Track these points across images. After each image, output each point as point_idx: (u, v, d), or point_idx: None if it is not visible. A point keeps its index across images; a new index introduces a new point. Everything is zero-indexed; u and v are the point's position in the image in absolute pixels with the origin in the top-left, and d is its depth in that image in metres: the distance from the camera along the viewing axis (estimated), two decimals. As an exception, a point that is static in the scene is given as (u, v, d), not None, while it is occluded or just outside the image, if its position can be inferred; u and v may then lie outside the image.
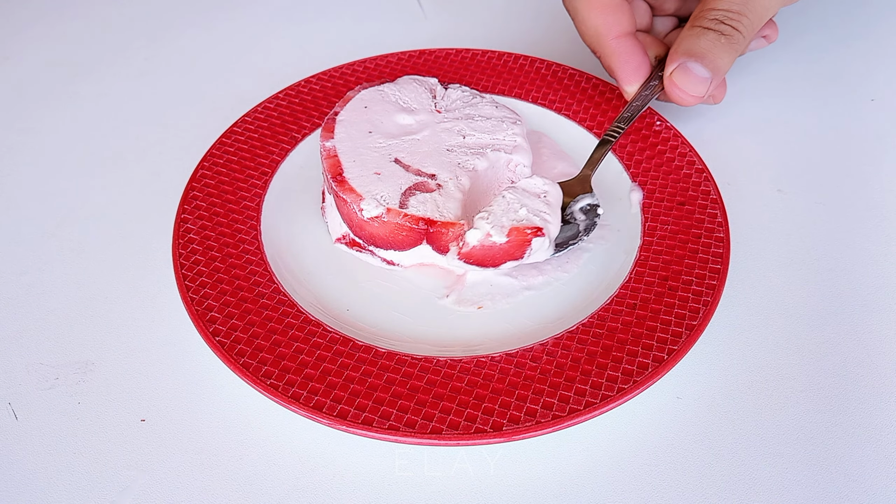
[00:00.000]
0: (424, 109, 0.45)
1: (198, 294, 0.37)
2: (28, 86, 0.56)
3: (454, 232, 0.39)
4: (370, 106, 0.44)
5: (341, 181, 0.40)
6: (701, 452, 0.35)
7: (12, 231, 0.45)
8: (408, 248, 0.40)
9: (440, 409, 0.33)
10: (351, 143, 0.42)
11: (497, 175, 0.43)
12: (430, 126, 0.44)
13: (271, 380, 0.34)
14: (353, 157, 0.41)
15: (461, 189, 0.40)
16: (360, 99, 0.45)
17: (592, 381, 0.34)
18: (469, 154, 0.42)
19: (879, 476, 0.34)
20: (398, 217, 0.39)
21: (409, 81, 0.46)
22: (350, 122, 0.43)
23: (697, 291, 0.38)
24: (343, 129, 0.43)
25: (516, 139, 0.43)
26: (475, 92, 0.46)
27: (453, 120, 0.44)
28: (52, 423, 0.36)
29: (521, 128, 0.44)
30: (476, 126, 0.44)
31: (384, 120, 0.44)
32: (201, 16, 0.62)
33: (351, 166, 0.41)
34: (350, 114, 0.44)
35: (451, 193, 0.40)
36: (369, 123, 0.43)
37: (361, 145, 0.42)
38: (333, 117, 0.44)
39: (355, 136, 0.43)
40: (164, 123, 0.52)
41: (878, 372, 0.38)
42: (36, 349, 0.39)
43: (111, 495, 0.34)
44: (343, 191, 0.40)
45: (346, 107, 0.44)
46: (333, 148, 0.42)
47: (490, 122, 0.44)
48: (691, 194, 0.42)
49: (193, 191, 0.43)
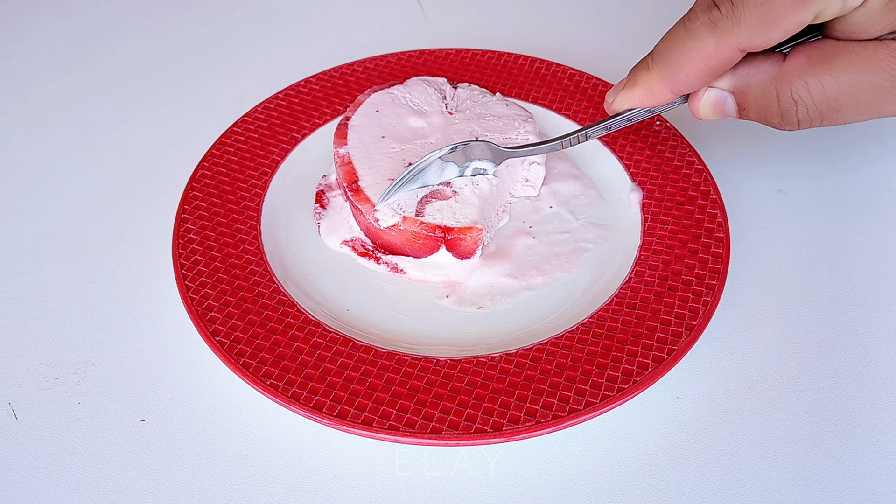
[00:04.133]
0: (435, 111, 0.45)
1: (198, 294, 0.37)
2: (28, 86, 0.56)
3: (472, 237, 0.39)
4: (382, 110, 0.44)
5: (356, 190, 0.40)
6: (701, 452, 0.35)
7: (12, 231, 0.45)
8: (426, 255, 0.40)
9: (440, 409, 0.33)
10: (364, 149, 0.42)
11: (512, 173, 0.43)
12: (443, 129, 0.44)
13: (271, 380, 0.34)
14: (367, 164, 0.41)
15: (478, 195, 0.40)
16: (372, 103, 0.45)
17: (592, 381, 0.34)
18: None
19: (879, 476, 0.34)
20: (414, 225, 0.39)
21: (419, 82, 0.46)
22: (362, 127, 0.43)
23: (697, 291, 0.38)
24: (356, 135, 0.43)
25: (529, 137, 0.43)
26: (484, 90, 0.46)
27: (465, 121, 0.44)
28: (52, 423, 0.36)
29: (533, 125, 0.44)
30: (488, 126, 0.43)
31: (396, 124, 0.44)
32: (201, 16, 0.62)
33: (366, 173, 0.41)
34: (362, 119, 0.44)
35: (468, 199, 0.40)
36: (382, 128, 0.43)
37: (375, 151, 0.42)
38: (346, 122, 0.44)
39: (368, 141, 0.43)
40: (163, 123, 0.52)
41: (878, 372, 0.37)
42: (36, 349, 0.39)
43: (111, 495, 0.34)
44: (359, 200, 0.40)
45: (357, 111, 0.44)
46: (347, 154, 0.42)
47: (502, 122, 0.44)
48: (691, 194, 0.42)
49: (193, 191, 0.43)
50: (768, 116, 0.35)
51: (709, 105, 0.37)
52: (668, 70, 0.37)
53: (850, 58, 0.33)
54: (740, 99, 0.36)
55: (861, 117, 0.33)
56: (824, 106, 0.33)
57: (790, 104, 0.34)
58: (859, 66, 0.32)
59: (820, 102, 0.33)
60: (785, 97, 0.34)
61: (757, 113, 0.35)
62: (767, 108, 0.35)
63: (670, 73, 0.37)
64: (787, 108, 0.34)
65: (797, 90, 0.33)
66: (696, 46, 0.35)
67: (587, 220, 0.43)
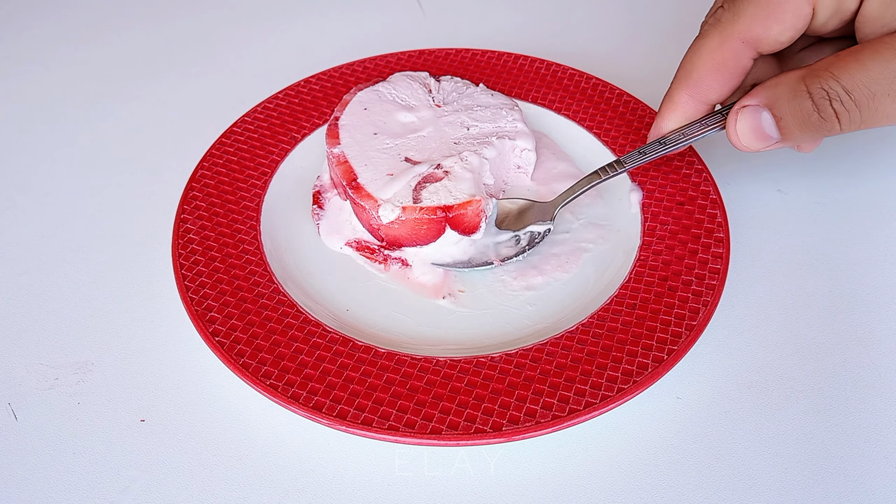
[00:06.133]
0: (423, 105, 0.45)
1: (198, 294, 0.37)
2: (28, 86, 0.56)
3: (473, 209, 0.39)
4: (370, 107, 0.44)
5: (357, 187, 0.40)
6: (701, 452, 0.35)
7: (12, 231, 0.45)
8: (434, 240, 0.40)
9: (440, 409, 0.33)
10: (358, 147, 0.42)
11: (505, 161, 0.43)
12: (433, 122, 0.44)
13: (271, 380, 0.34)
14: (363, 162, 0.41)
15: (469, 168, 0.40)
16: (359, 101, 0.45)
17: (592, 381, 0.34)
18: (476, 144, 0.42)
19: (879, 476, 0.34)
20: (415, 213, 0.39)
21: (402, 78, 0.47)
22: (353, 125, 0.43)
23: (697, 291, 0.38)
24: (348, 134, 0.43)
25: (517, 124, 0.44)
26: (468, 82, 0.47)
27: (454, 112, 0.44)
28: (52, 423, 0.36)
29: (520, 112, 0.45)
30: (477, 116, 0.44)
31: (386, 120, 0.44)
32: (201, 16, 0.62)
33: (363, 171, 0.41)
34: (351, 118, 0.44)
35: (460, 175, 0.40)
36: (373, 125, 0.43)
37: (370, 148, 0.42)
38: (335, 122, 0.44)
39: (361, 139, 0.43)
40: (163, 123, 0.52)
41: (878, 372, 0.37)
42: (36, 349, 0.39)
43: (111, 495, 0.34)
44: (360, 197, 0.40)
45: (345, 111, 0.44)
46: (342, 154, 0.42)
47: (489, 111, 0.44)
48: (691, 194, 0.42)
49: (193, 191, 0.43)
50: (806, 118, 0.34)
51: (747, 127, 0.36)
52: (683, 75, 0.38)
53: (877, 46, 0.33)
54: (775, 110, 0.35)
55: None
56: (857, 94, 0.32)
57: (823, 97, 0.33)
58: (886, 52, 0.32)
59: (852, 90, 0.33)
60: (816, 91, 0.33)
61: (794, 118, 0.34)
62: (802, 109, 0.34)
63: (685, 76, 0.38)
64: (822, 102, 0.33)
65: (826, 82, 0.33)
66: (704, 44, 0.37)
67: (587, 220, 0.43)
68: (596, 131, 0.47)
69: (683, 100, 0.39)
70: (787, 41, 0.37)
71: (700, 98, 0.39)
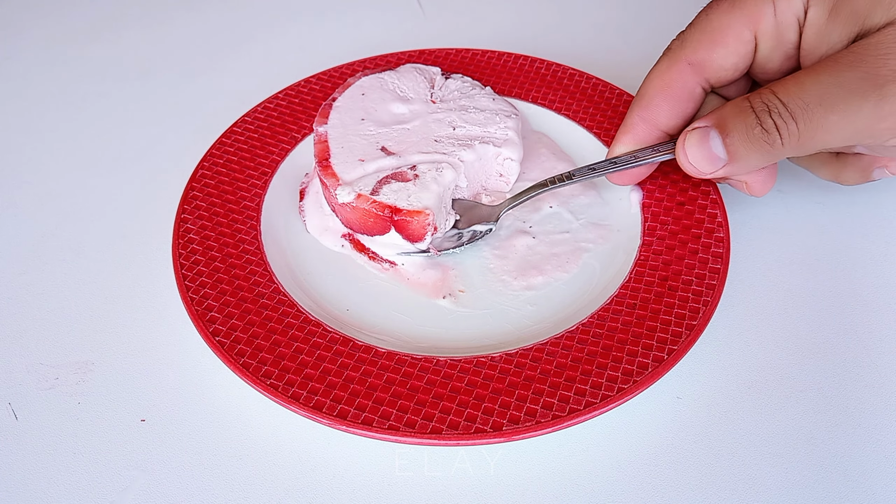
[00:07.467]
0: (420, 99, 0.45)
1: (198, 294, 0.37)
2: (28, 86, 0.56)
3: (419, 221, 0.39)
4: (368, 93, 0.45)
5: (325, 166, 0.41)
6: (701, 452, 0.35)
7: (12, 231, 0.45)
8: (379, 234, 0.40)
9: (440, 409, 0.33)
10: (343, 129, 0.43)
11: (485, 167, 0.43)
12: (422, 116, 0.44)
13: (271, 380, 0.34)
14: (341, 143, 0.42)
15: (439, 182, 0.40)
16: (360, 86, 0.46)
17: (592, 381, 0.34)
18: (456, 145, 0.42)
19: (879, 476, 0.34)
20: (366, 203, 0.39)
21: (410, 70, 0.47)
22: (345, 108, 0.44)
23: (697, 291, 0.38)
24: (337, 116, 0.44)
25: (508, 133, 0.43)
26: (476, 83, 0.47)
27: (446, 111, 0.44)
28: (52, 423, 0.36)
29: (516, 122, 0.44)
30: (468, 118, 0.44)
31: (378, 108, 0.44)
32: (202, 15, 0.62)
33: (338, 152, 0.42)
34: (347, 101, 0.45)
35: (427, 185, 0.40)
36: (363, 111, 0.44)
37: (353, 132, 0.43)
38: (331, 103, 0.44)
39: (348, 122, 0.43)
40: (163, 123, 0.52)
41: (878, 372, 0.38)
42: (36, 349, 0.39)
43: (111, 495, 0.34)
44: (325, 175, 0.41)
45: (344, 93, 0.45)
46: (325, 133, 0.43)
47: (484, 115, 0.44)
48: (691, 194, 0.42)
49: (193, 191, 0.43)
50: (750, 131, 0.36)
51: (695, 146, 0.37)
52: (637, 98, 0.41)
53: (812, 66, 0.35)
54: (721, 129, 0.37)
55: (835, 117, 0.34)
56: (792, 105, 0.34)
57: (763, 110, 0.35)
58: (819, 68, 0.35)
59: (788, 102, 0.34)
60: (758, 105, 0.35)
61: (739, 133, 0.36)
62: (746, 123, 0.36)
63: (638, 99, 0.41)
64: (762, 114, 0.35)
65: (766, 96, 0.35)
66: (655, 68, 0.40)
67: (587, 220, 0.43)
68: (596, 131, 0.47)
69: (635, 122, 0.41)
70: (732, 68, 0.39)
71: (650, 120, 0.40)
